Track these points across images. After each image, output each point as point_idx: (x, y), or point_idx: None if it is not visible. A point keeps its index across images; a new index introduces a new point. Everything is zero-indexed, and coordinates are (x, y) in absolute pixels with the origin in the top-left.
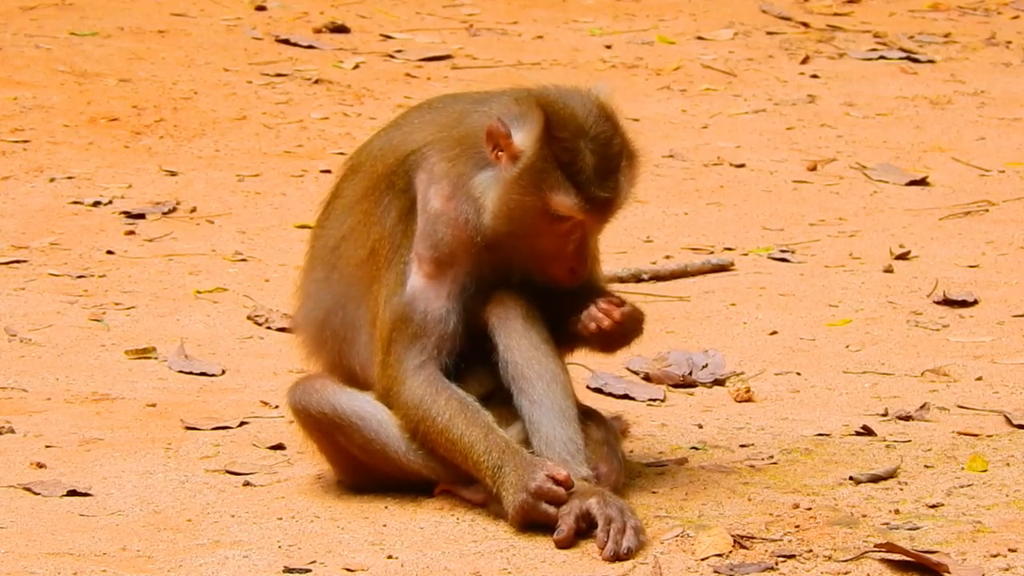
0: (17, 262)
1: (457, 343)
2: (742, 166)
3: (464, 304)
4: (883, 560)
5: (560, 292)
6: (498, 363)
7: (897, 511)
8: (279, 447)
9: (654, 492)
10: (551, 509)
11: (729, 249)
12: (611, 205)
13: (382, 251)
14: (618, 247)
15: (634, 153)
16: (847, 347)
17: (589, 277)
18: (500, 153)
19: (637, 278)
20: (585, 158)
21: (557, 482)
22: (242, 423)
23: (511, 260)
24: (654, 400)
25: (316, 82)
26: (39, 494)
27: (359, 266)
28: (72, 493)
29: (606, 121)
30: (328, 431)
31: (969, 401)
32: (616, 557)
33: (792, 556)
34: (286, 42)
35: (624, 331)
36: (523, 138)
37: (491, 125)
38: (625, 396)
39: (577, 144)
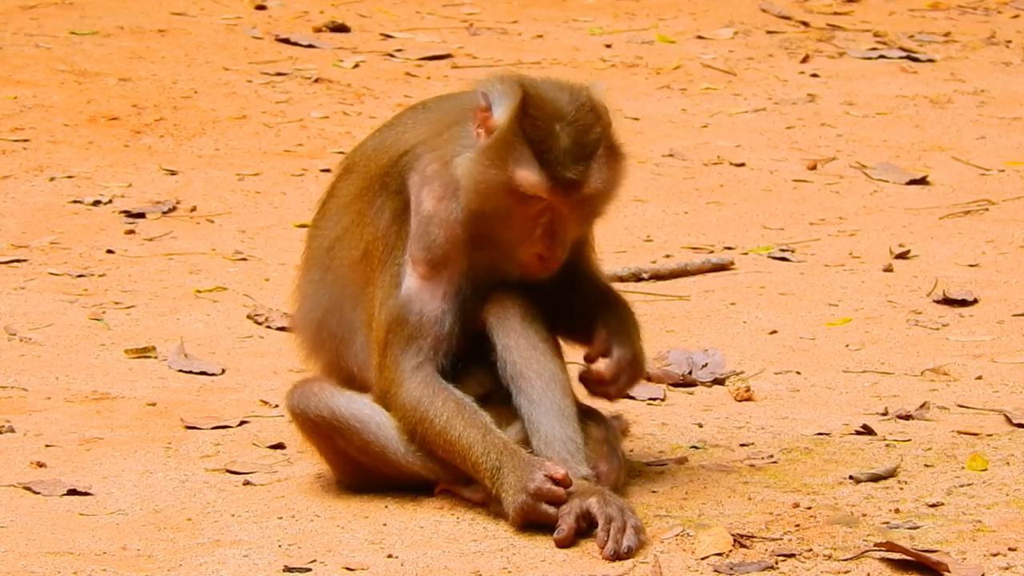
0: (17, 261)
1: (454, 344)
2: (742, 165)
3: (460, 304)
4: (883, 559)
5: (563, 289)
6: (496, 363)
7: (897, 510)
8: (279, 446)
9: (654, 491)
10: (551, 509)
11: (729, 248)
12: (578, 188)
13: (376, 253)
14: (618, 246)
15: (617, 149)
16: (847, 346)
17: (589, 273)
18: (480, 130)
19: (637, 277)
20: (556, 137)
21: (556, 482)
22: (242, 422)
23: (491, 249)
24: (654, 399)
25: (316, 81)
26: (39, 493)
27: (353, 267)
28: (72, 492)
29: (589, 111)
30: (327, 434)
31: (969, 400)
32: (616, 556)
33: (792, 555)
34: (286, 41)
35: (628, 383)
36: (500, 113)
37: (475, 101)
38: (625, 395)
39: (551, 124)
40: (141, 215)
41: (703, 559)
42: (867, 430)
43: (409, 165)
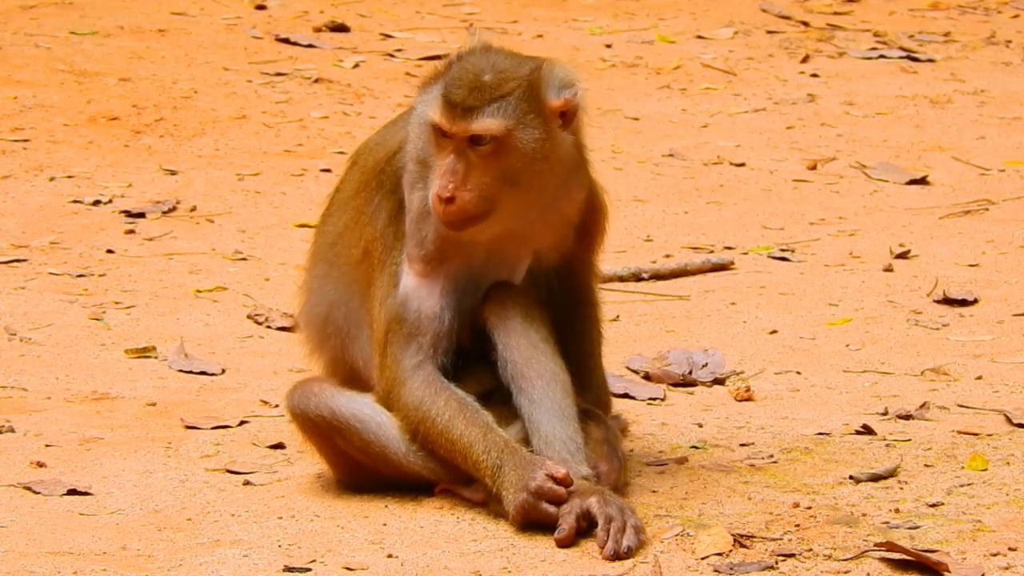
0: (17, 261)
1: (454, 340)
2: (742, 165)
3: (459, 300)
4: (883, 559)
5: (556, 294)
6: (497, 362)
7: (897, 510)
8: (279, 446)
9: (654, 491)
10: (551, 508)
11: (729, 248)
12: (467, 117)
13: (375, 252)
14: (618, 246)
15: (544, 113)
16: (847, 346)
17: (584, 289)
18: None
19: (637, 277)
20: (469, 76)
21: (557, 481)
22: (242, 422)
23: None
24: (654, 399)
25: (316, 81)
26: (39, 493)
27: (355, 266)
28: (72, 492)
29: (518, 67)
30: (327, 434)
31: (969, 400)
32: (616, 556)
33: (792, 555)
34: (286, 41)
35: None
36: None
37: None
38: (625, 395)
39: (473, 68)
40: (141, 215)
41: (703, 559)
42: (867, 430)
43: (402, 163)
